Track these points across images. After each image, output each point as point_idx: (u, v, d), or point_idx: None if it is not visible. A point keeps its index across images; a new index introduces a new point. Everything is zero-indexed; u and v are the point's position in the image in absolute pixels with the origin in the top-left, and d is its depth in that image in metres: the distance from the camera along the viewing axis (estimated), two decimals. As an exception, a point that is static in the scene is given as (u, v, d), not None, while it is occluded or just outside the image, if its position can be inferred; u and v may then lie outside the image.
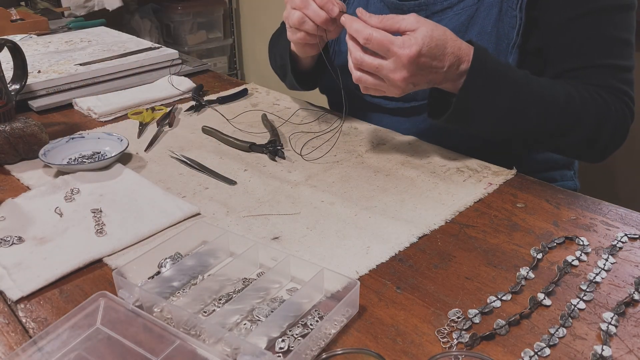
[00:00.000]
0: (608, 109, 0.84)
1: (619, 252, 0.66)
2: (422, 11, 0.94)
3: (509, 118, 0.82)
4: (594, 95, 0.84)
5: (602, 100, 0.84)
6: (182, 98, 1.19)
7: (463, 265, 0.65)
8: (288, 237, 0.70)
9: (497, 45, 0.89)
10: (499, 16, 0.88)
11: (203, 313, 0.58)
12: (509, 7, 0.87)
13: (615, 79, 0.86)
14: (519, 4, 0.86)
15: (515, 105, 0.81)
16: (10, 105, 0.92)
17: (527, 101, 0.81)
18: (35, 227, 0.73)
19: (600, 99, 0.84)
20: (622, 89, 0.86)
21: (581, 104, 0.83)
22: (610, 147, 0.88)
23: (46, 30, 1.70)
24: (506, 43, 0.89)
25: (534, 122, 0.83)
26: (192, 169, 0.88)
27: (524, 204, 0.77)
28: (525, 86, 0.81)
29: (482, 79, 0.78)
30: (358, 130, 1.01)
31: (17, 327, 0.57)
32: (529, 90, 0.81)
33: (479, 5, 0.89)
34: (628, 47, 0.87)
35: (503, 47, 0.89)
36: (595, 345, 0.53)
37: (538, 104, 0.82)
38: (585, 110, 0.83)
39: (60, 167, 0.86)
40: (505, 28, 0.88)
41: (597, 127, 0.85)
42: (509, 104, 0.81)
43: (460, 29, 0.90)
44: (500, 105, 0.81)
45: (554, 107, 0.82)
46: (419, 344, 0.54)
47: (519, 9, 0.87)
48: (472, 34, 0.90)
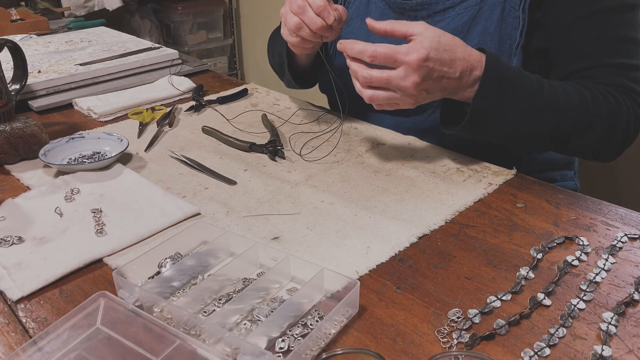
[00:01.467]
0: (620, 107, 0.84)
1: (619, 252, 0.66)
2: (423, 10, 0.93)
3: (525, 123, 0.81)
4: (606, 95, 0.84)
5: (613, 100, 0.84)
6: (182, 98, 1.19)
7: (463, 265, 0.65)
8: (288, 237, 0.70)
9: (500, 46, 0.89)
10: (501, 17, 0.88)
11: (203, 313, 0.58)
12: (511, 7, 0.87)
13: (625, 77, 0.86)
14: (522, 5, 0.86)
15: (530, 109, 0.80)
16: (10, 105, 0.92)
17: (542, 105, 0.81)
18: (35, 227, 0.73)
19: (611, 98, 0.84)
20: (632, 87, 0.86)
21: (593, 104, 0.83)
22: (623, 146, 0.88)
23: (46, 30, 1.70)
24: (509, 44, 0.88)
25: (548, 126, 0.82)
26: (192, 169, 0.88)
27: (524, 204, 0.77)
28: (539, 90, 0.81)
29: (496, 84, 0.77)
30: (358, 130, 1.01)
31: (17, 327, 0.57)
32: (542, 93, 0.81)
33: (481, 5, 0.89)
34: (637, 46, 0.87)
35: (506, 48, 0.89)
36: (595, 345, 0.53)
37: (552, 107, 0.81)
38: (597, 110, 0.83)
39: (60, 167, 0.86)
40: (508, 29, 0.88)
41: (610, 126, 0.84)
42: (524, 108, 0.80)
43: (462, 30, 0.90)
44: (515, 111, 0.80)
45: (568, 109, 0.82)
46: (419, 344, 0.54)
47: (521, 10, 0.86)
48: (474, 34, 0.90)
